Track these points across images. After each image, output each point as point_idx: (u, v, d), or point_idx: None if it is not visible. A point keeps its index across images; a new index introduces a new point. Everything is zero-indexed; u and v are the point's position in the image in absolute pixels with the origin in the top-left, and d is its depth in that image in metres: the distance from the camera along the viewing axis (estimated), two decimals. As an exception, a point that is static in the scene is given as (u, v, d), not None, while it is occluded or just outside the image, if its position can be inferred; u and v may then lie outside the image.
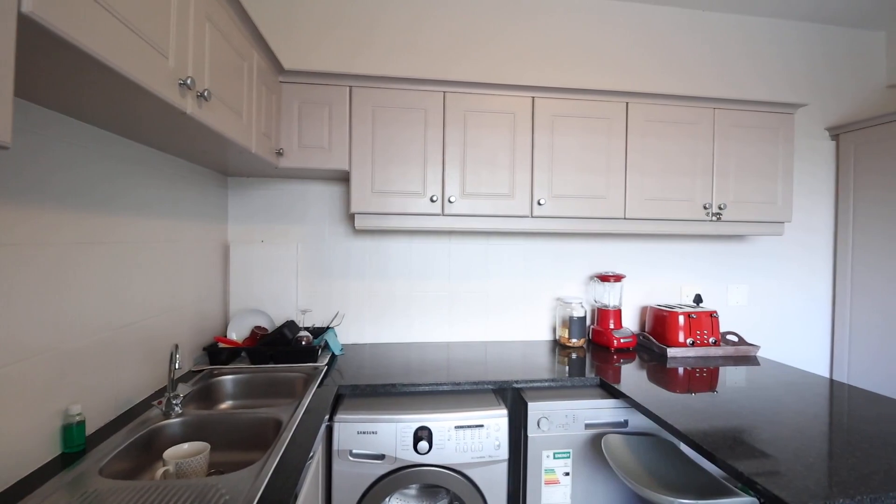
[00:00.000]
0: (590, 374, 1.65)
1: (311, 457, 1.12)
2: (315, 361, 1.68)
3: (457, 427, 1.40)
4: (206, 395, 1.49)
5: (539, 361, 1.80)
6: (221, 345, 1.65)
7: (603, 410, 1.52)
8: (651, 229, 1.94)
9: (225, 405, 1.53)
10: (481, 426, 1.41)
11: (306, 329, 1.89)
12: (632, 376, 1.65)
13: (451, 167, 1.78)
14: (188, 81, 0.96)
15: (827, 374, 2.46)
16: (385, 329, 2.09)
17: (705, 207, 1.95)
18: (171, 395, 1.25)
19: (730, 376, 1.68)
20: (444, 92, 1.78)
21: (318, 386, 1.47)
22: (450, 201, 1.77)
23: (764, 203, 2.00)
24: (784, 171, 2.01)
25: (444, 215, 1.80)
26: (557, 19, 2.20)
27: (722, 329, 2.33)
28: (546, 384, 1.57)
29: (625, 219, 1.91)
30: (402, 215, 1.78)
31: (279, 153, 1.66)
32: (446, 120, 1.78)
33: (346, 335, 2.06)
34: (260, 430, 1.23)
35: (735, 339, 2.15)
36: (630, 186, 1.89)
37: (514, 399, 1.64)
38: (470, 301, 2.15)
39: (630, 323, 2.29)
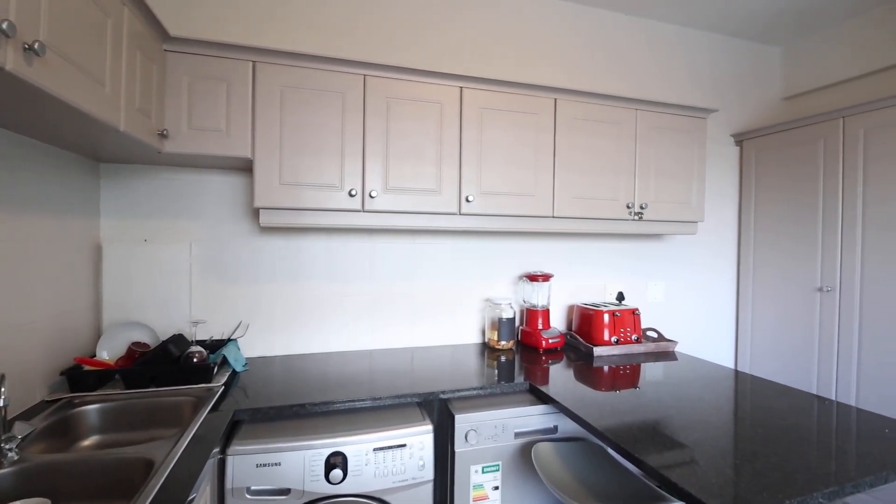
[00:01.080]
0: (519, 378, 1.58)
1: (191, 502, 0.92)
2: (209, 381, 1.44)
3: (376, 449, 1.25)
4: (63, 430, 1.20)
5: (468, 367, 1.70)
6: (86, 367, 1.35)
7: (533, 417, 1.46)
8: (578, 228, 1.92)
9: (88, 441, 1.24)
10: (404, 446, 1.27)
11: (200, 343, 1.63)
12: (560, 378, 1.60)
13: (373, 159, 1.62)
14: (4, 26, 0.71)
15: (733, 365, 2.64)
16: (299, 339, 1.87)
17: (628, 207, 1.97)
18: (3, 437, 0.97)
19: (651, 373, 1.70)
20: (365, 76, 1.61)
21: (211, 411, 1.25)
22: (371, 196, 1.61)
23: (680, 203, 2.07)
24: (698, 173, 2.09)
25: (364, 211, 1.63)
26: (494, 12, 2.11)
27: (643, 326, 2.40)
28: (475, 392, 1.47)
29: (553, 217, 1.87)
30: (316, 211, 1.58)
31: (163, 135, 1.39)
32: (367, 107, 1.61)
33: (251, 348, 1.82)
34: (125, 475, 0.99)
35: (655, 335, 2.22)
36: (558, 184, 1.85)
37: (440, 411, 1.52)
38: (395, 305, 2.00)
39: (558, 322, 2.28)
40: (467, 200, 1.72)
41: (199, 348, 1.51)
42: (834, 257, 2.12)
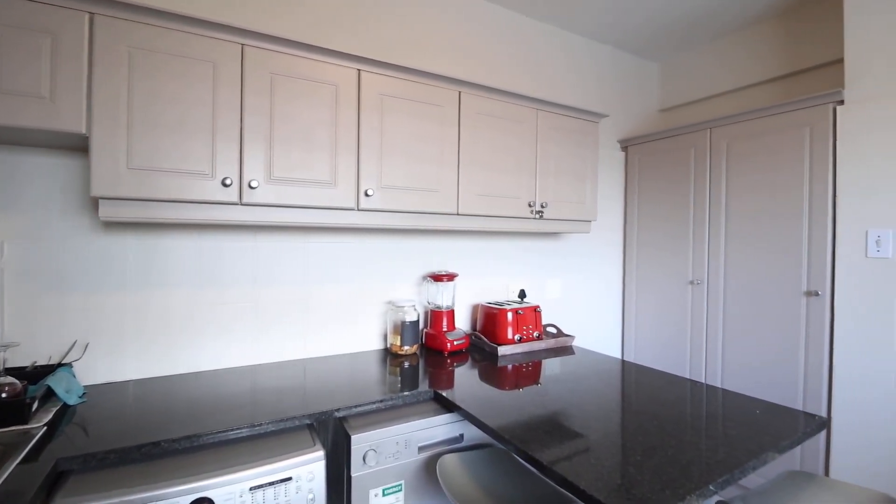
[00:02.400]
0: (423, 385, 1.47)
1: None
2: (25, 422, 1.10)
3: (253, 488, 1.04)
4: None
5: (368, 378, 1.54)
6: None
7: (438, 428, 1.36)
8: (483, 226, 1.88)
9: None
10: (289, 479, 1.08)
11: (13, 372, 1.26)
12: (465, 382, 1.53)
13: (253, 143, 1.39)
14: None
15: (620, 355, 2.84)
16: (159, 358, 1.55)
17: (530, 205, 1.98)
18: None
19: (552, 369, 1.72)
20: (244, 45, 1.37)
21: (23, 461, 0.94)
22: (251, 187, 1.37)
23: (576, 203, 2.14)
24: (591, 174, 2.18)
25: (243, 205, 1.39)
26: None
27: (543, 322, 2.45)
28: (374, 406, 1.33)
29: (458, 215, 1.79)
30: (179, 203, 1.31)
31: (-58, 95, 1.02)
32: (246, 81, 1.38)
33: (93, 373, 1.46)
34: None
35: (554, 331, 2.27)
36: (463, 181, 1.78)
37: (336, 432, 1.35)
38: (285, 311, 1.76)
39: (463, 323, 2.22)
40: (366, 195, 1.56)
41: (10, 379, 1.15)
42: (702, 253, 2.37)
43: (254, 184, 1.37)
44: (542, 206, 2.00)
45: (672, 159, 2.51)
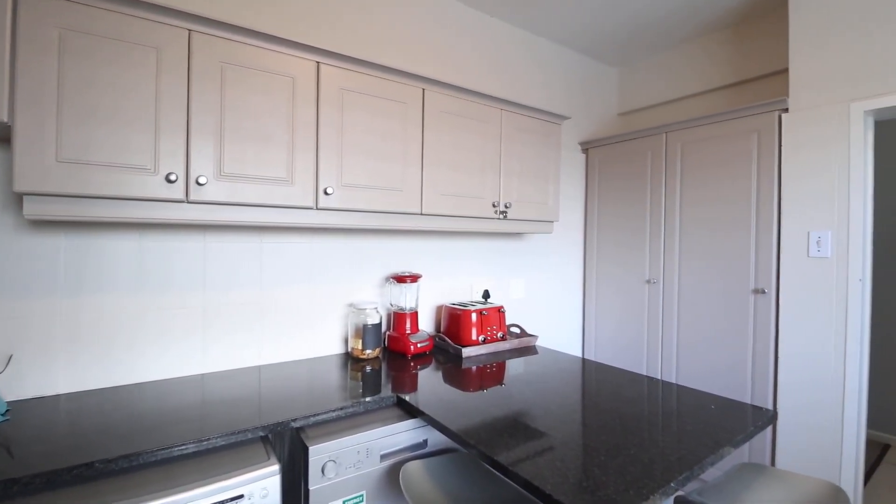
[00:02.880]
0: (385, 390, 1.43)
1: None
2: (-71, 446, 0.97)
3: (201, 509, 0.97)
4: None
5: (327, 385, 1.48)
6: None
7: (401, 434, 1.32)
8: (447, 226, 1.85)
9: None
10: (240, 497, 1.01)
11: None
12: (428, 385, 1.50)
13: (202, 136, 1.29)
14: None
15: (581, 353, 2.89)
16: (96, 369, 1.42)
17: (494, 205, 1.97)
18: None
19: (516, 369, 1.71)
20: (190, 31, 1.28)
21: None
22: (199, 184, 1.28)
23: (539, 204, 2.15)
24: (554, 175, 2.20)
25: (190, 203, 1.30)
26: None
27: (507, 322, 2.45)
28: (334, 415, 1.27)
29: (422, 214, 1.76)
30: (117, 200, 1.20)
31: None
32: (193, 70, 1.28)
33: (18, 387, 1.32)
34: None
35: (518, 331, 2.28)
36: (427, 180, 1.75)
37: (293, 443, 1.28)
38: (238, 316, 1.67)
39: (427, 324, 2.19)
40: (326, 193, 1.50)
41: (-89, 398, 1.02)
42: (658, 253, 2.45)
43: (202, 180, 1.28)
44: (506, 207, 2.00)
45: (630, 161, 2.58)
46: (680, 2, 2.24)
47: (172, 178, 1.24)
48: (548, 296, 2.71)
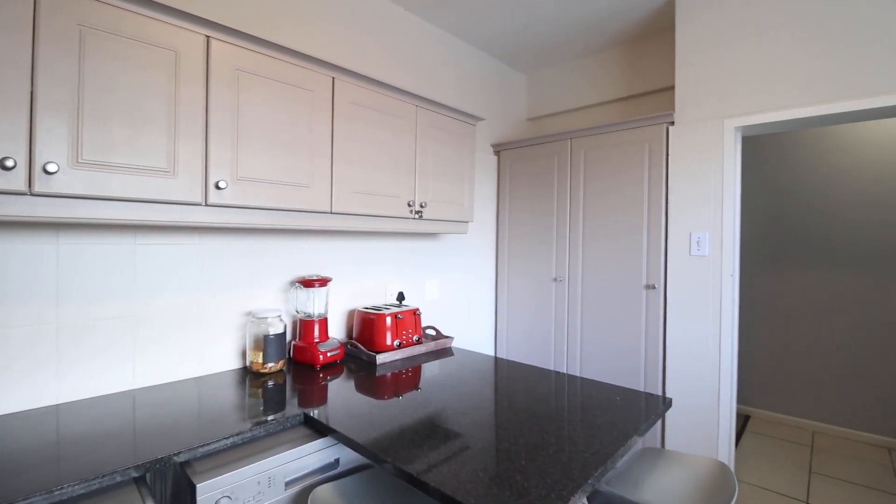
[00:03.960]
0: (290, 408, 1.29)
1: None
2: None
3: (45, 583, 0.76)
4: None
5: (220, 407, 1.29)
6: None
7: (309, 457, 1.19)
8: (360, 226, 1.74)
9: None
10: (104, 559, 0.82)
11: None
12: (339, 397, 1.38)
13: (52, 113, 1.04)
14: None
15: (495, 352, 2.94)
16: None
17: (409, 205, 1.90)
18: None
19: (432, 372, 1.67)
20: (33, -18, 1.02)
21: None
22: (47, 172, 1.03)
23: (455, 204, 2.13)
24: (468, 175, 2.20)
25: (34, 195, 1.04)
26: (244, -48, 1.71)
27: (422, 324, 2.40)
28: (229, 442, 1.11)
29: (331, 213, 1.63)
30: (-82, 188, 0.91)
31: None
32: (40, 31, 1.03)
33: None
34: None
35: (434, 332, 2.24)
36: (338, 176, 1.63)
37: (177, 481, 1.09)
38: (105, 332, 1.39)
39: (337, 331, 2.05)
40: (218, 188, 1.31)
41: None
42: (564, 253, 2.57)
43: (51, 167, 1.03)
44: (421, 206, 1.95)
45: (539, 165, 2.69)
46: (579, 18, 2.38)
47: (9, 163, 0.98)
48: (462, 296, 2.72)
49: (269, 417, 1.22)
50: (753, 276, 3.45)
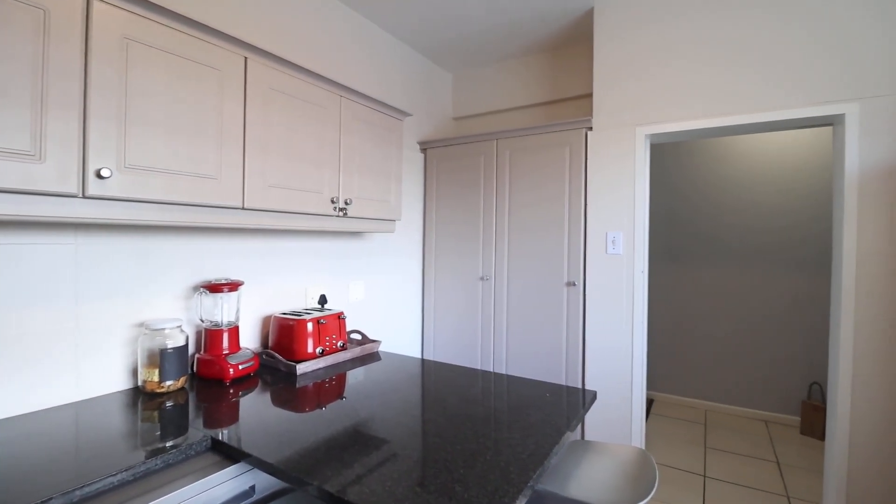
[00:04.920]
0: (195, 432, 1.12)
1: None
2: None
3: None
4: None
5: (106, 436, 1.08)
6: None
7: (219, 487, 1.03)
8: (278, 223, 1.59)
9: None
10: None
11: None
12: (254, 415, 1.24)
13: None
14: None
15: (422, 354, 2.89)
16: None
17: (333, 201, 1.78)
18: None
19: (358, 379, 1.57)
20: None
21: None
22: None
23: (381, 201, 2.04)
24: (396, 172, 2.12)
25: None
26: None
27: (347, 329, 2.28)
28: (116, 479, 0.92)
29: (244, 209, 1.46)
30: None
31: None
32: None
33: None
34: None
35: (359, 337, 2.13)
36: (251, 168, 1.46)
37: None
38: (-61, 353, 1.10)
39: (250, 340, 1.86)
40: (100, 176, 1.10)
41: None
42: (490, 252, 2.60)
43: None
44: (346, 203, 1.83)
45: (465, 164, 2.69)
46: (504, 22, 2.42)
47: None
48: (389, 297, 2.63)
49: (168, 444, 1.04)
50: (653, 271, 3.79)
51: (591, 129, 2.31)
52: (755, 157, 3.40)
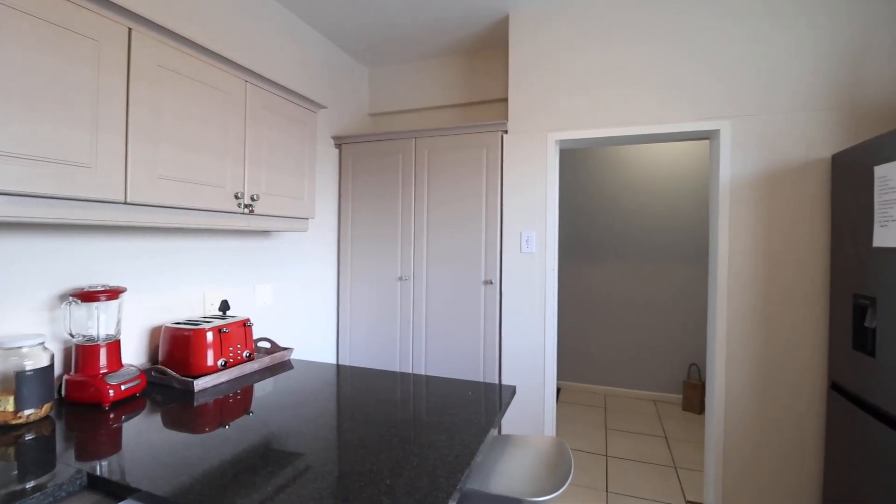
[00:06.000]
0: (65, 468, 0.93)
1: None
2: None
3: None
4: None
5: (-70, 489, 0.86)
6: None
7: (97, 532, 0.87)
8: (172, 220, 1.40)
9: None
10: None
11: None
12: (142, 442, 1.07)
13: None
14: None
15: (337, 359, 2.76)
16: None
17: (237, 197, 1.61)
18: None
19: (268, 391, 1.45)
20: None
21: None
22: None
23: (293, 198, 1.90)
24: (309, 167, 2.00)
25: None
26: None
27: (255, 337, 2.09)
28: (-52, 543, 0.73)
29: (126, 203, 1.26)
30: None
31: None
32: None
33: None
34: None
35: (268, 345, 1.97)
36: (136, 155, 1.26)
37: None
38: None
39: (135, 356, 1.62)
40: (-79, 157, 0.86)
41: None
42: (409, 252, 2.56)
43: None
44: (252, 199, 1.67)
45: (383, 162, 2.62)
46: (422, 20, 2.40)
47: None
48: (301, 301, 2.47)
49: (30, 486, 0.86)
50: (560, 268, 4.05)
51: (506, 132, 2.38)
52: (648, 165, 3.79)
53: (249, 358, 1.73)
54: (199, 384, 1.47)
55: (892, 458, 1.44)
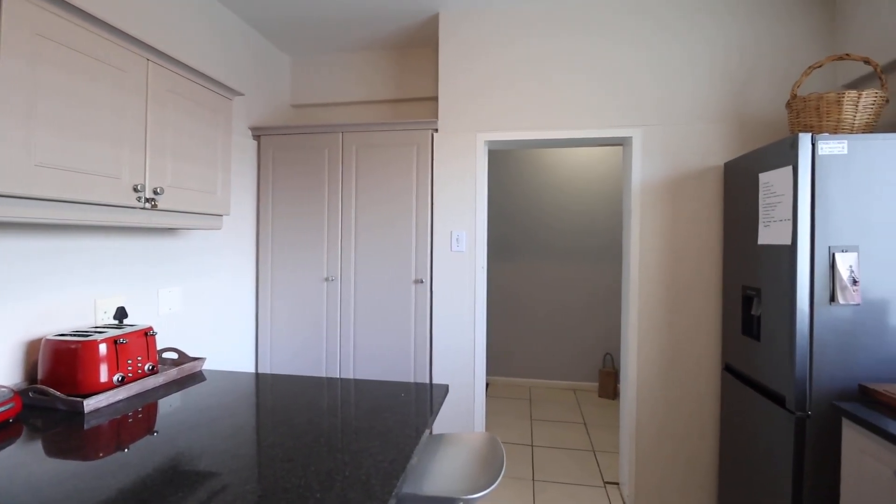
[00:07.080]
0: None
1: None
2: None
3: None
4: None
5: None
6: None
7: None
8: (51, 216, 1.19)
9: None
10: None
11: None
12: (16, 478, 0.91)
13: None
14: None
15: (263, 367, 2.57)
16: None
17: (136, 189, 1.43)
18: None
19: (175, 407, 1.30)
20: None
21: None
22: None
23: (204, 192, 1.73)
24: (223, 159, 1.83)
25: None
26: None
27: (159, 348, 1.88)
28: None
29: (-8, 195, 1.05)
30: None
31: None
32: None
33: None
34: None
35: (176, 356, 1.77)
36: (6, 139, 1.06)
37: None
38: None
39: (9, 375, 1.37)
40: None
41: None
42: (336, 251, 2.46)
43: None
44: (155, 193, 1.49)
45: (307, 157, 2.49)
46: (347, 8, 2.31)
47: None
48: (215, 306, 2.26)
49: None
50: (487, 266, 4.15)
51: (436, 131, 2.37)
52: (567, 169, 4.01)
53: (153, 371, 1.55)
54: (91, 404, 1.28)
55: (774, 426, 1.65)
